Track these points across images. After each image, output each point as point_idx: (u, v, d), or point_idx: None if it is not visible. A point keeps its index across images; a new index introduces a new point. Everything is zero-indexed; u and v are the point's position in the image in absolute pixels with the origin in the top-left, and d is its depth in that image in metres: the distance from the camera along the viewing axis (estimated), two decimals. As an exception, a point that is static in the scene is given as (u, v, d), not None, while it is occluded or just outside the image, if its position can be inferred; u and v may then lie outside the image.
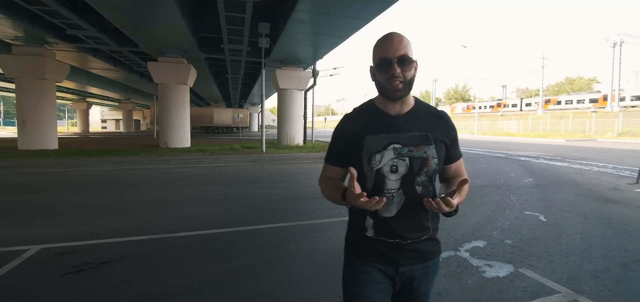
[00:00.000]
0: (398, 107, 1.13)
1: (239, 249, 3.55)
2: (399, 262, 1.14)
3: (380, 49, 1.07)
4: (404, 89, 1.07)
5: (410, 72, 1.08)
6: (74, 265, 3.09)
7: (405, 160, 1.08)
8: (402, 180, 1.09)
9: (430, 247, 1.17)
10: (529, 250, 3.50)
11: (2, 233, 3.97)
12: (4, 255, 3.28)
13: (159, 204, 5.53)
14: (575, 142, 23.65)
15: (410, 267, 1.15)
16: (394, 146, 1.08)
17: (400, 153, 1.08)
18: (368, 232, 1.14)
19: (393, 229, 1.11)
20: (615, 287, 2.72)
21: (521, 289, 2.67)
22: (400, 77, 1.06)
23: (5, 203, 5.56)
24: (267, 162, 11.06)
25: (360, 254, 1.17)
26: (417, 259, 1.15)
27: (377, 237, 1.13)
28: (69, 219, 4.59)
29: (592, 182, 7.72)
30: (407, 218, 1.11)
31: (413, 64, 1.08)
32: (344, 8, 9.46)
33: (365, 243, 1.16)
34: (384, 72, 1.07)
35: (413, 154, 1.08)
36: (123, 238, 3.83)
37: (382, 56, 1.06)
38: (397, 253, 1.13)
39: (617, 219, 4.72)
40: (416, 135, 1.09)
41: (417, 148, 1.08)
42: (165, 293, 2.62)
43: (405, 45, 1.06)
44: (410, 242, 1.13)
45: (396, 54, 1.04)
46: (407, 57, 1.05)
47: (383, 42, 1.07)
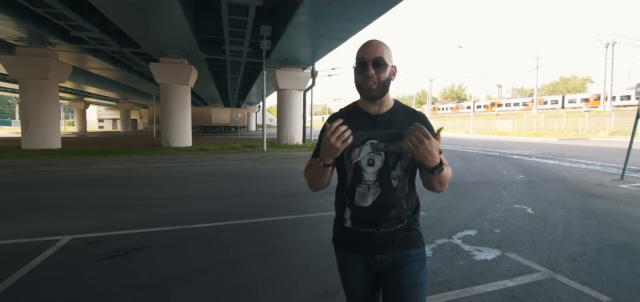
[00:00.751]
0: (377, 107, 1.22)
1: (253, 238, 3.90)
2: (374, 249, 1.22)
3: (359, 52, 1.19)
4: (377, 89, 1.17)
5: (385, 75, 1.17)
6: (105, 252, 3.43)
7: (381, 154, 1.18)
8: (378, 173, 1.18)
9: (407, 236, 1.23)
10: (515, 237, 3.89)
11: (32, 226, 4.29)
12: (40, 244, 3.61)
13: (172, 200, 5.86)
14: (568, 141, 24.18)
15: (387, 255, 1.22)
16: (371, 141, 1.18)
17: (377, 148, 1.18)
18: (346, 223, 1.24)
19: (368, 218, 1.20)
20: (588, 267, 3.10)
21: (506, 269, 3.04)
22: (374, 78, 1.15)
23: (25, 199, 5.86)
24: (269, 160, 11.41)
25: (342, 244, 1.29)
26: (392, 247, 1.21)
27: (354, 228, 1.23)
28: (90, 214, 4.91)
29: (579, 178, 8.15)
30: (381, 208, 1.19)
31: (388, 68, 1.18)
32: (344, 11, 9.82)
33: (345, 234, 1.27)
34: (360, 72, 1.18)
35: (388, 149, 1.18)
36: (145, 229, 4.16)
37: (360, 57, 1.18)
38: (371, 241, 1.21)
39: (598, 211, 5.12)
40: (392, 132, 1.18)
41: (392, 144, 1.18)
42: (192, 274, 2.96)
43: (381, 50, 1.16)
44: (383, 231, 1.20)
45: (372, 56, 1.15)
46: (381, 60, 1.15)
47: (362, 47, 1.19)
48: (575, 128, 34.43)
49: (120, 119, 51.07)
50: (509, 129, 40.57)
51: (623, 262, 3.22)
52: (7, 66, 14.46)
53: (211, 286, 2.75)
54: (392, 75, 1.20)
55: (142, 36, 13.86)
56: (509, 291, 2.64)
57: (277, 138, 18.41)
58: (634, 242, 3.79)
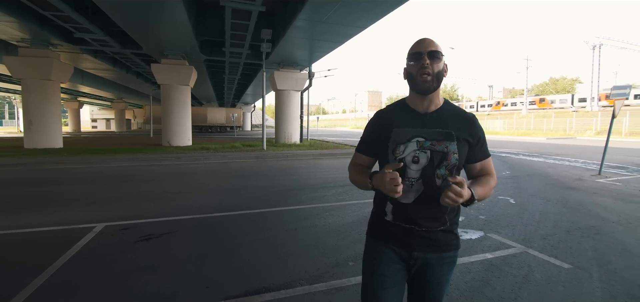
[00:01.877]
0: (426, 105, 1.22)
1: (268, 224, 4.41)
2: (412, 247, 1.23)
3: (414, 46, 1.21)
4: (432, 81, 1.17)
5: (439, 66, 1.18)
6: (140, 236, 3.90)
7: (427, 152, 1.17)
8: (422, 171, 1.18)
9: (446, 239, 1.24)
10: (497, 222, 4.45)
11: (65, 216, 4.73)
12: (79, 230, 4.07)
13: (187, 193, 6.33)
14: (555, 140, 25.05)
15: (424, 254, 1.23)
16: (417, 139, 1.18)
17: (423, 146, 1.17)
18: (387, 217, 1.25)
19: (409, 215, 1.21)
20: (556, 244, 3.67)
21: (487, 246, 3.59)
22: (429, 69, 1.16)
23: (48, 194, 6.28)
24: (270, 158, 11.89)
25: (379, 236, 1.30)
26: (432, 247, 1.23)
27: (395, 222, 1.24)
28: (113, 206, 5.36)
29: (561, 174, 8.79)
30: (423, 206, 1.19)
31: (442, 60, 1.20)
32: (342, 17, 10.34)
33: (384, 226, 1.28)
34: (415, 63, 1.19)
35: (435, 147, 1.17)
36: (169, 218, 4.64)
37: (415, 51, 1.20)
38: (412, 238, 1.22)
39: (573, 201, 5.73)
40: (440, 132, 1.18)
41: (439, 143, 1.17)
42: (222, 251, 3.46)
43: (435, 44, 1.19)
44: (425, 229, 1.21)
45: (427, 49, 1.18)
46: (437, 52, 1.18)
47: (417, 42, 1.22)
48: (563, 128, 35.46)
49: (115, 119, 50.97)
50: (500, 128, 41.55)
51: (587, 241, 3.80)
52: (11, 67, 14.70)
53: (240, 260, 3.25)
54: (444, 70, 1.22)
55: (145, 38, 14.22)
56: (488, 261, 3.19)
57: (275, 137, 18.88)
58: (599, 225, 4.38)
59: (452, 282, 2.76)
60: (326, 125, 72.64)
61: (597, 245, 3.67)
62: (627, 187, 6.99)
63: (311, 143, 18.61)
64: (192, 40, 13.77)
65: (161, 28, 12.66)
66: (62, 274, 2.91)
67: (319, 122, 57.52)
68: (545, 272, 2.98)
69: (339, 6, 9.45)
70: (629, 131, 29.74)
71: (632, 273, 2.99)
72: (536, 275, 2.93)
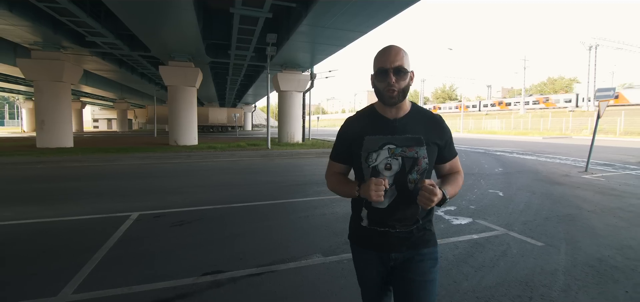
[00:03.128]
0: (395, 111, 1.24)
1: (282, 212, 4.99)
2: (390, 248, 1.27)
3: (380, 59, 1.20)
4: (398, 96, 1.19)
5: (405, 82, 1.19)
6: (173, 222, 4.48)
7: (399, 159, 1.21)
8: (395, 177, 1.22)
9: (421, 236, 1.28)
10: (485, 211, 5.03)
11: (101, 206, 5.30)
12: (118, 218, 4.64)
13: (204, 188, 6.90)
14: (551, 140, 25.66)
15: (402, 253, 1.27)
16: (389, 146, 1.21)
17: (394, 153, 1.20)
18: (363, 222, 1.30)
19: (384, 219, 1.25)
20: (534, 228, 4.25)
21: (474, 229, 4.18)
22: (394, 86, 1.17)
23: (77, 188, 6.84)
24: (275, 157, 12.48)
25: (358, 242, 1.36)
26: (408, 245, 1.27)
27: (370, 226, 1.29)
28: (141, 198, 5.92)
29: (550, 170, 9.38)
30: (397, 211, 1.24)
31: (408, 75, 1.20)
32: (345, 23, 10.92)
33: (361, 232, 1.33)
34: (381, 80, 1.19)
35: (406, 153, 1.20)
36: (193, 208, 5.21)
37: (380, 66, 1.19)
38: (388, 240, 1.27)
39: (556, 194, 6.31)
40: (409, 138, 1.21)
41: (409, 149, 1.20)
42: (246, 233, 4.03)
43: (401, 57, 1.18)
44: (399, 231, 1.26)
45: (392, 64, 1.17)
46: (402, 68, 1.17)
47: (382, 54, 1.20)
48: (559, 127, 36.09)
49: (117, 119, 51.45)
50: (498, 128, 42.18)
51: (561, 226, 4.38)
52: (24, 69, 15.23)
53: (263, 239, 3.83)
54: (410, 81, 1.23)
55: (153, 41, 14.76)
56: (474, 240, 3.78)
57: (279, 137, 19.44)
58: (575, 214, 4.96)
59: (443, 255, 3.34)
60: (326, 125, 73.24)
61: (569, 229, 4.26)
62: (608, 182, 7.58)
63: (313, 142, 19.19)
64: (200, 43, 14.33)
65: (170, 32, 13.20)
66: (118, 249, 3.49)
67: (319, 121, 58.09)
68: (521, 248, 3.56)
69: (341, 13, 10.03)
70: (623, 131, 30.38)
71: (593, 249, 3.57)
72: (513, 250, 3.51)
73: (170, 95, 17.10)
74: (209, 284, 2.76)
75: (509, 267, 3.11)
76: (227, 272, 2.97)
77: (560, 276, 2.94)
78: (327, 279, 2.86)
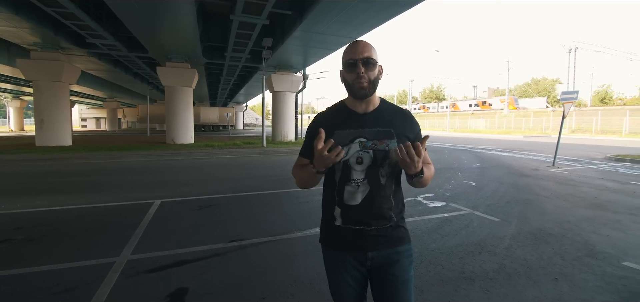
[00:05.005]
0: (364, 106, 1.26)
1: (284, 199, 5.79)
2: (365, 247, 1.26)
3: (348, 52, 1.22)
4: (368, 87, 1.21)
5: (374, 73, 1.22)
6: (193, 207, 5.24)
7: (370, 153, 1.21)
8: (366, 171, 1.22)
9: (396, 234, 1.29)
10: (457, 197, 5.94)
11: (125, 195, 6.02)
12: (144, 204, 5.37)
13: (211, 180, 7.65)
14: (531, 138, 27.03)
15: (378, 252, 1.27)
16: (359, 140, 1.21)
17: (365, 146, 1.21)
18: (336, 222, 1.28)
19: (358, 216, 1.24)
20: (495, 209, 5.16)
21: (446, 210, 5.06)
22: (364, 77, 1.19)
23: (96, 181, 7.50)
24: (272, 154, 13.27)
25: (331, 244, 1.33)
26: (384, 244, 1.27)
27: (344, 226, 1.27)
28: (157, 189, 6.64)
29: (521, 165, 10.41)
30: (371, 206, 1.23)
31: (376, 66, 1.23)
32: (337, 29, 11.74)
33: (335, 233, 1.30)
34: (350, 71, 1.22)
35: (377, 147, 1.20)
36: (207, 196, 5.97)
37: (349, 58, 1.21)
38: (363, 239, 1.25)
39: (521, 184, 7.28)
40: (380, 131, 1.21)
41: (380, 142, 1.20)
42: (257, 214, 4.82)
43: (369, 49, 1.21)
44: (374, 228, 1.25)
45: (361, 55, 1.20)
46: (371, 59, 1.20)
47: (350, 47, 1.23)
48: (540, 126, 37.75)
49: (107, 118, 51.29)
50: (482, 127, 43.72)
51: (518, 207, 5.31)
52: (24, 69, 15.61)
53: (273, 218, 4.64)
54: (379, 73, 1.24)
55: (152, 43, 15.31)
56: (444, 218, 4.66)
57: (272, 135, 20.17)
58: (532, 199, 5.91)
59: (418, 228, 4.20)
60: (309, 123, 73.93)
61: (524, 209, 5.18)
62: (570, 175, 8.61)
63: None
64: (197, 45, 14.97)
65: (170, 35, 13.79)
66: (154, 225, 4.25)
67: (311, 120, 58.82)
68: (481, 222, 4.46)
69: (334, 21, 10.85)
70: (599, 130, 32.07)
71: (538, 223, 4.48)
72: (474, 224, 4.40)
73: (168, 95, 17.65)
74: (236, 247, 3.56)
75: (468, 234, 4.00)
76: (248, 239, 3.77)
77: (507, 239, 3.84)
78: (327, 243, 3.69)
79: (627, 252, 3.51)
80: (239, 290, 2.68)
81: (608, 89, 52.19)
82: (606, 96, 51.22)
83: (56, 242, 3.76)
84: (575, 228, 4.28)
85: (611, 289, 2.72)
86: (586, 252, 3.50)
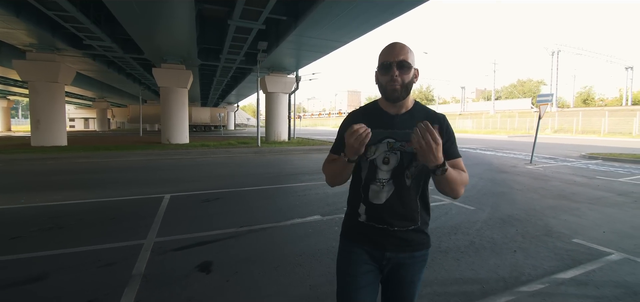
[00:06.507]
0: (397, 108, 1.26)
1: (284, 193, 6.35)
2: (385, 247, 1.27)
3: (384, 54, 1.23)
4: (401, 91, 1.22)
5: (408, 77, 1.22)
6: (200, 200, 5.75)
7: (397, 154, 1.21)
8: (392, 171, 1.23)
9: (417, 238, 1.28)
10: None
11: (136, 190, 6.48)
12: (156, 198, 5.85)
13: (212, 177, 8.14)
14: (515, 138, 28.10)
15: (397, 254, 1.27)
16: (388, 140, 1.22)
17: (393, 147, 1.21)
18: (361, 218, 1.30)
19: (382, 215, 1.25)
20: (472, 199, 5.81)
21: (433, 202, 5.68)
22: (398, 80, 1.20)
23: (101, 179, 7.92)
24: (267, 153, 13.78)
25: (352, 237, 1.34)
26: (404, 247, 1.27)
27: (368, 223, 1.28)
28: (164, 184, 7.10)
29: (502, 162, 11.17)
30: (395, 206, 1.24)
31: (411, 70, 1.22)
32: (328, 34, 12.34)
33: (357, 227, 1.32)
34: (384, 74, 1.23)
35: (404, 148, 1.20)
36: (211, 191, 6.48)
37: (384, 60, 1.22)
38: (385, 238, 1.26)
39: (499, 179, 7.98)
40: (409, 132, 1.16)
41: (408, 144, 1.18)
42: (258, 206, 5.36)
43: (405, 52, 1.21)
44: (397, 229, 1.25)
45: (396, 58, 1.20)
46: (405, 63, 1.20)
47: (387, 49, 1.23)
48: (525, 127, 39.07)
49: (97, 118, 50.91)
50: (470, 127, 44.95)
51: (492, 198, 5.97)
52: (20, 70, 15.75)
53: (273, 208, 5.19)
54: (414, 77, 1.25)
55: (149, 45, 15.63)
56: (427, 206, 5.28)
57: (266, 135, 20.65)
58: (506, 191, 6.59)
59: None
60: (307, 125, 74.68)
61: (497, 200, 5.85)
62: (544, 171, 9.37)
63: (299, 140, 20.52)
64: (193, 48, 15.39)
65: (168, 37, 14.16)
66: (170, 215, 4.76)
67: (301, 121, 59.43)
68: (458, 210, 5.10)
69: (327, 27, 11.44)
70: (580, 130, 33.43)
71: (508, 211, 5.14)
72: (452, 211, 5.04)
73: (163, 96, 17.98)
74: (247, 231, 4.10)
75: (447, 219, 4.63)
76: (257, 225, 4.32)
77: (479, 223, 4.47)
78: (326, 228, 4.26)
79: (578, 232, 4.18)
80: (255, 262, 3.24)
81: (590, 91, 54.13)
82: (588, 97, 53.11)
83: (84, 229, 4.24)
84: (539, 214, 4.95)
85: (558, 258, 3.37)
86: (544, 232, 4.15)
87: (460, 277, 2.96)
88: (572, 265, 3.21)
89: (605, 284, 2.83)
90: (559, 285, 2.82)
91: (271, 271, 3.04)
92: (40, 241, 3.79)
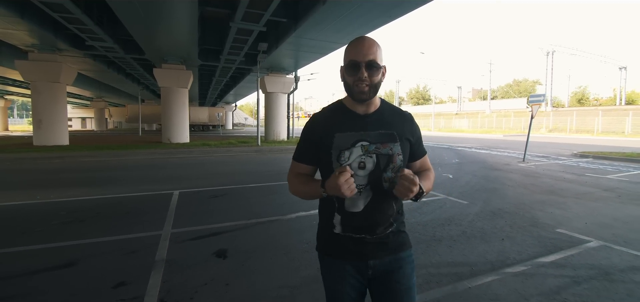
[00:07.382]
0: (365, 107, 1.19)
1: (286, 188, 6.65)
2: (367, 255, 1.20)
3: (352, 51, 1.13)
4: (369, 92, 1.14)
5: (377, 77, 1.14)
6: (209, 196, 6.05)
7: (373, 157, 1.15)
8: (369, 176, 1.16)
9: (397, 239, 1.23)
10: (435, 186, 6.90)
11: (146, 187, 6.77)
12: (166, 194, 6.14)
13: (216, 174, 8.43)
14: (511, 137, 28.54)
15: (381, 260, 1.20)
16: (361, 143, 1.15)
17: (368, 150, 1.14)
18: (336, 229, 1.21)
19: (360, 224, 1.18)
20: (466, 195, 6.15)
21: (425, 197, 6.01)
22: (366, 81, 1.12)
23: (110, 177, 8.19)
24: (267, 152, 14.09)
25: (331, 253, 1.25)
26: (386, 251, 1.21)
27: (345, 234, 1.20)
28: (171, 182, 7.39)
29: (496, 161, 11.54)
30: (373, 213, 1.17)
31: (380, 70, 1.14)
32: (328, 36, 12.66)
33: (334, 240, 1.23)
34: (352, 74, 1.13)
35: (380, 150, 1.15)
36: (217, 187, 6.78)
37: (352, 58, 1.12)
38: (364, 247, 1.19)
39: (492, 176, 8.33)
40: (383, 133, 1.15)
41: (383, 145, 1.15)
42: (264, 201, 5.67)
43: (374, 50, 1.12)
44: (375, 236, 1.19)
45: (365, 58, 1.11)
46: (375, 63, 1.11)
47: (355, 45, 1.13)
48: (520, 126, 39.60)
49: (94, 117, 50.91)
50: (466, 126, 45.45)
51: (484, 194, 6.32)
52: (22, 70, 15.95)
53: (278, 202, 5.50)
54: (382, 75, 1.18)
55: (150, 46, 15.87)
56: (423, 202, 5.61)
57: (265, 134, 20.95)
58: (498, 187, 6.94)
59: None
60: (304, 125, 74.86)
61: (489, 195, 6.20)
62: (536, 169, 9.74)
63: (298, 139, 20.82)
64: (194, 48, 15.65)
65: (169, 38, 14.40)
66: (182, 209, 5.06)
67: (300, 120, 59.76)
68: (452, 204, 5.43)
69: (326, 29, 11.76)
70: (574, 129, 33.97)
71: (498, 205, 5.48)
72: (446, 205, 5.37)
73: (164, 96, 18.22)
74: (255, 223, 4.41)
75: (441, 212, 4.96)
76: (265, 217, 4.63)
77: (471, 216, 4.81)
78: (329, 220, 4.58)
79: (562, 223, 4.52)
80: (266, 249, 3.55)
81: (585, 91, 54.82)
82: (583, 97, 53.80)
83: (103, 221, 4.53)
84: (527, 208, 5.30)
85: (541, 245, 3.70)
86: (531, 223, 4.50)
87: (452, 261, 3.29)
88: (553, 251, 3.54)
89: (581, 267, 3.16)
90: (539, 267, 3.15)
91: (282, 256, 3.35)
92: (64, 232, 4.08)
